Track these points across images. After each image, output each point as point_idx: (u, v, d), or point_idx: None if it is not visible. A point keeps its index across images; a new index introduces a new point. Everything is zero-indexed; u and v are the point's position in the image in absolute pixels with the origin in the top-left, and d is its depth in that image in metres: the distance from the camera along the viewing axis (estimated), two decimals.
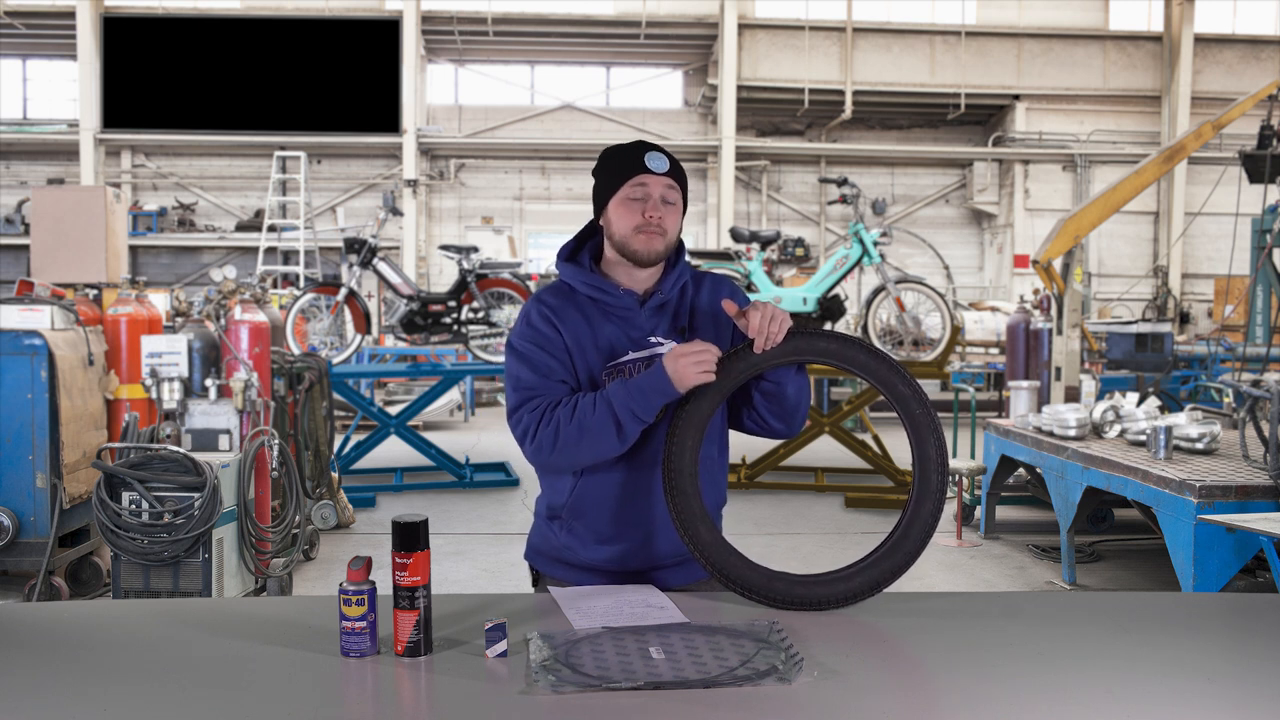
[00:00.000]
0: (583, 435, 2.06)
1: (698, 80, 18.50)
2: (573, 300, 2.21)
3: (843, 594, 2.04)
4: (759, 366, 2.10)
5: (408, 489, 8.47)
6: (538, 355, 2.16)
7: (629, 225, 2.16)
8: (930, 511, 2.08)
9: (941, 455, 2.09)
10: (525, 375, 2.15)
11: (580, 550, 2.22)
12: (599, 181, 2.23)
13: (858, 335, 2.68)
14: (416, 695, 1.71)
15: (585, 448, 2.08)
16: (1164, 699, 1.64)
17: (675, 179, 2.19)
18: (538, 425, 2.10)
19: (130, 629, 1.97)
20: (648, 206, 2.15)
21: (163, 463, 4.59)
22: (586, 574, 2.23)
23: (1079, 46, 18.06)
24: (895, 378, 2.11)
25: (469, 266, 8.39)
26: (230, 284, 6.11)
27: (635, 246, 2.16)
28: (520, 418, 2.13)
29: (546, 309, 2.20)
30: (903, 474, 8.28)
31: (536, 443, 2.10)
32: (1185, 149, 8.69)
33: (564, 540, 2.24)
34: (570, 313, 2.19)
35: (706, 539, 2.06)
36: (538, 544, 2.33)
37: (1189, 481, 4.52)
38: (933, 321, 8.48)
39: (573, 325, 2.18)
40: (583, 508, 2.20)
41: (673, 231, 2.20)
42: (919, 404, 2.09)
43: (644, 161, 2.15)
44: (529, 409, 2.12)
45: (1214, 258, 17.81)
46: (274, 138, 16.77)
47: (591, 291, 2.20)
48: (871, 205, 8.50)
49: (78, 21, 16.32)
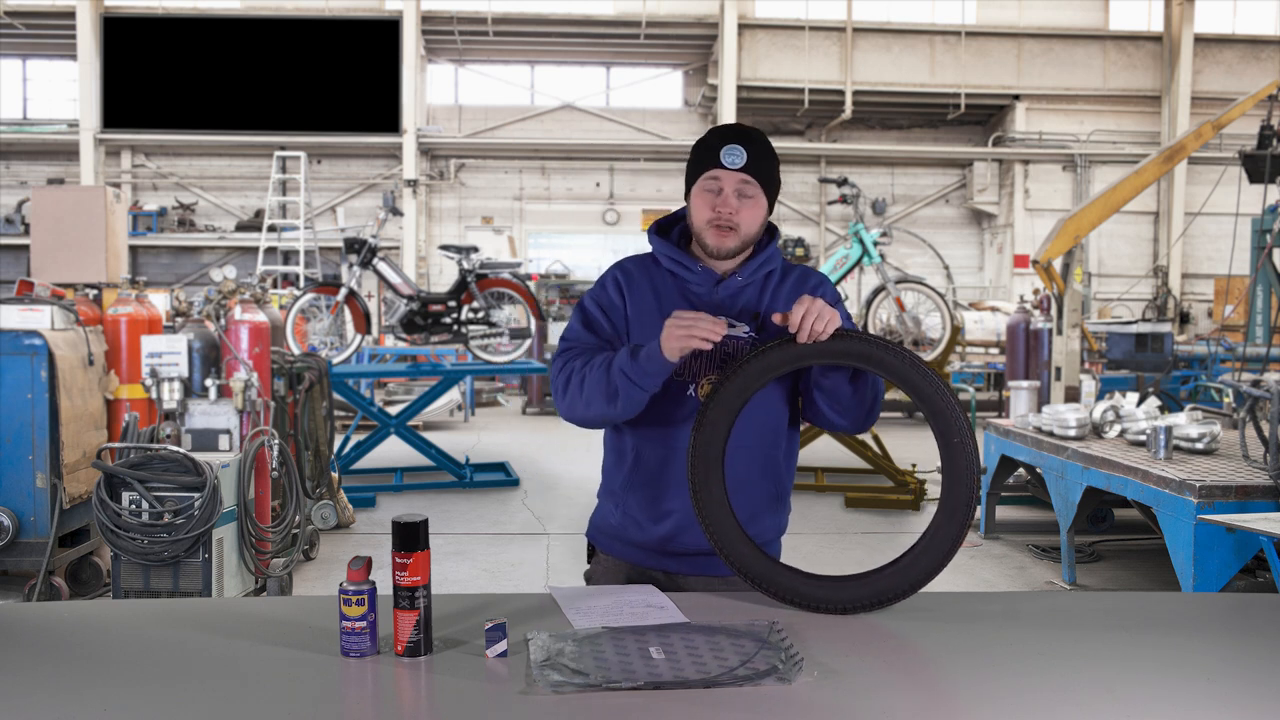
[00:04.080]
0: (588, 390, 2.10)
1: (698, 80, 18.50)
2: (651, 272, 2.23)
3: (854, 600, 2.03)
4: (797, 362, 2.06)
5: (408, 489, 8.47)
6: (595, 313, 2.21)
7: (702, 218, 2.17)
8: (954, 536, 2.06)
9: (970, 491, 2.04)
10: (576, 329, 2.21)
11: (633, 530, 2.24)
12: (688, 164, 2.24)
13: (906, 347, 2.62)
14: (416, 695, 1.71)
15: (592, 404, 2.11)
16: (1164, 699, 1.64)
17: (755, 173, 2.15)
18: (567, 379, 2.14)
19: (130, 629, 1.96)
20: (719, 201, 2.14)
21: (163, 463, 4.59)
22: (641, 552, 2.24)
23: (1079, 46, 18.06)
24: (938, 396, 2.04)
25: (469, 266, 8.39)
26: (230, 284, 6.11)
27: (707, 240, 2.17)
28: (557, 370, 2.19)
29: (621, 274, 2.24)
30: (903, 474, 8.28)
31: (562, 395, 2.16)
32: (1185, 149, 8.69)
33: (618, 520, 2.26)
34: (643, 283, 2.21)
35: (725, 531, 2.06)
36: (598, 522, 2.36)
37: (1189, 481, 4.52)
38: (933, 321, 8.47)
39: (640, 295, 2.20)
40: (638, 482, 2.22)
41: (747, 225, 2.16)
42: (958, 433, 2.03)
43: (719, 156, 2.13)
44: (562, 360, 2.18)
45: (1214, 258, 17.81)
46: (274, 138, 16.77)
47: (671, 265, 2.21)
48: (871, 205, 8.50)
49: (78, 21, 16.33)
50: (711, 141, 2.16)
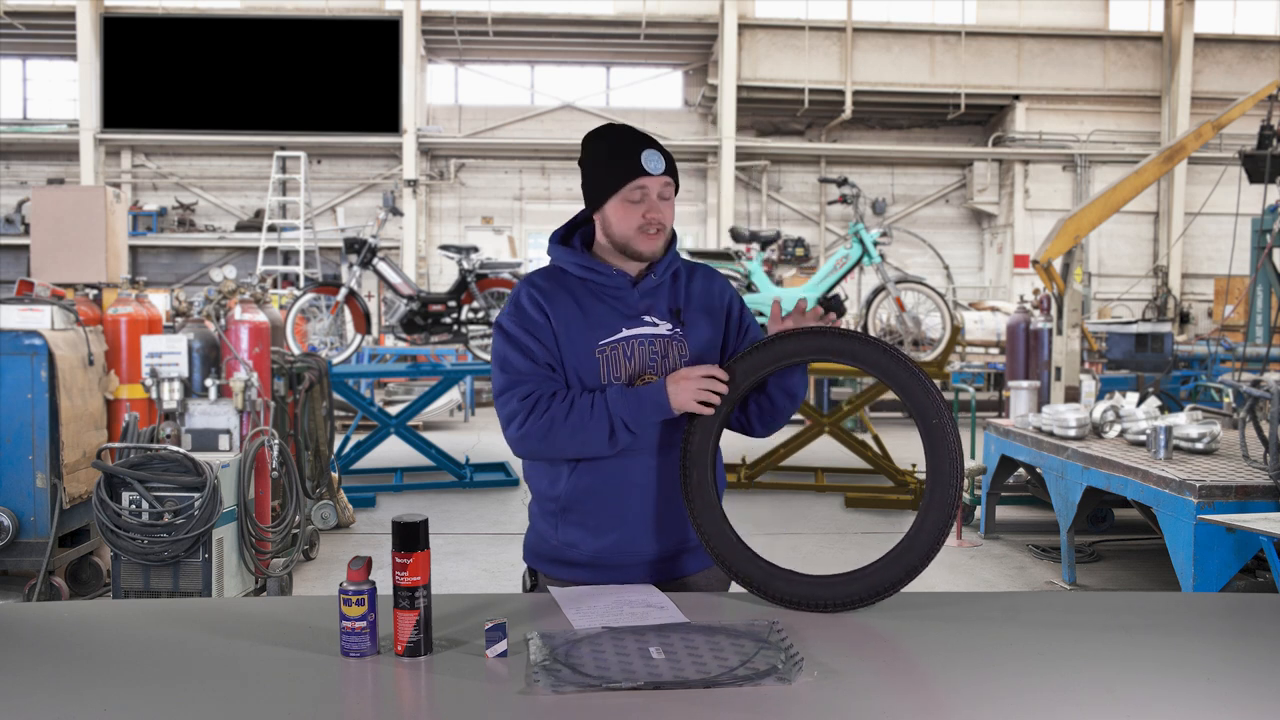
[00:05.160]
0: (576, 434, 2.10)
1: (698, 80, 18.50)
2: (564, 282, 2.23)
3: (843, 597, 2.03)
4: (779, 362, 2.13)
5: (408, 489, 8.47)
6: (525, 339, 2.17)
7: (630, 226, 2.19)
8: (940, 521, 2.05)
9: (956, 467, 2.04)
10: (514, 359, 2.17)
11: (581, 545, 2.22)
12: (594, 175, 2.23)
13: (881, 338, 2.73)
14: (416, 695, 1.71)
15: (575, 445, 2.12)
16: (1164, 699, 1.64)
17: (671, 174, 2.21)
18: (528, 415, 2.12)
19: (130, 629, 1.97)
20: (647, 208, 2.18)
21: (163, 463, 4.59)
22: (589, 570, 2.22)
23: (1079, 46, 18.05)
24: (914, 383, 2.06)
25: (469, 266, 8.39)
26: (230, 284, 6.11)
27: (639, 247, 2.20)
28: (508, 401, 2.15)
29: (536, 291, 2.21)
30: (903, 474, 8.28)
31: (524, 431, 2.12)
32: (1185, 149, 8.68)
33: (563, 537, 2.24)
34: (560, 295, 2.21)
35: (714, 532, 2.12)
36: (534, 544, 2.33)
37: (1189, 481, 4.52)
38: (933, 321, 8.47)
39: (562, 307, 2.19)
40: (579, 496, 2.20)
41: (669, 225, 2.24)
42: (936, 413, 2.05)
43: (642, 164, 2.16)
44: (518, 395, 2.14)
45: (1214, 258, 17.80)
46: (274, 138, 16.77)
47: (584, 273, 2.22)
48: (871, 205, 8.50)
49: (78, 21, 16.32)
50: (625, 149, 2.18)
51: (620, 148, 2.20)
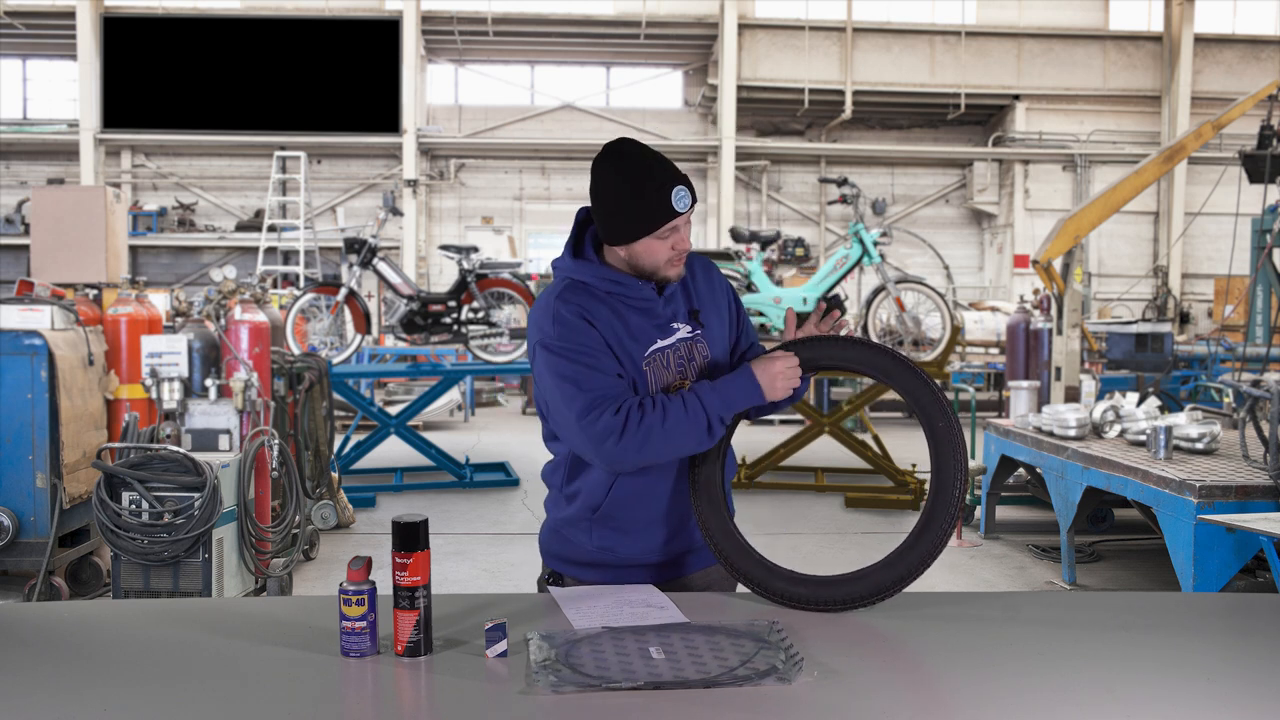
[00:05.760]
0: (674, 436, 2.11)
1: (698, 80, 18.50)
2: (594, 296, 2.22)
3: (844, 597, 2.04)
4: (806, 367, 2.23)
5: (408, 489, 8.47)
6: (589, 355, 2.14)
7: (660, 260, 2.20)
8: (942, 529, 2.06)
9: (961, 472, 2.06)
10: (588, 376, 2.12)
11: (620, 548, 2.26)
12: (621, 214, 2.17)
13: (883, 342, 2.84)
14: (416, 695, 1.71)
15: (673, 447, 2.13)
16: (1164, 699, 1.64)
17: (694, 202, 2.23)
18: (623, 427, 2.08)
19: (130, 629, 1.97)
20: (676, 241, 2.20)
21: (163, 463, 4.59)
22: (626, 571, 2.26)
23: (1079, 46, 18.06)
24: (920, 386, 2.11)
25: (469, 266, 8.38)
26: (230, 284, 6.11)
27: (667, 274, 2.23)
28: (597, 419, 2.08)
29: (574, 308, 2.18)
30: (903, 474, 8.28)
31: (624, 444, 2.08)
32: (1185, 149, 8.69)
33: (599, 542, 2.26)
34: (598, 309, 2.20)
35: (719, 531, 2.18)
36: (560, 550, 2.32)
37: (1189, 481, 4.52)
38: (933, 321, 8.47)
39: (604, 320, 2.19)
40: (619, 503, 2.23)
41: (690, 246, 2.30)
42: (942, 416, 2.08)
43: (673, 206, 2.15)
44: (609, 410, 2.09)
45: (1214, 258, 17.80)
46: (274, 138, 16.77)
47: (610, 286, 2.22)
48: (871, 205, 8.49)
49: (78, 21, 16.32)
50: (653, 190, 2.14)
51: (646, 187, 2.15)
